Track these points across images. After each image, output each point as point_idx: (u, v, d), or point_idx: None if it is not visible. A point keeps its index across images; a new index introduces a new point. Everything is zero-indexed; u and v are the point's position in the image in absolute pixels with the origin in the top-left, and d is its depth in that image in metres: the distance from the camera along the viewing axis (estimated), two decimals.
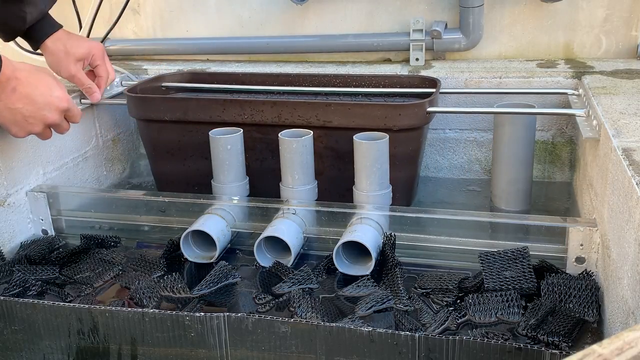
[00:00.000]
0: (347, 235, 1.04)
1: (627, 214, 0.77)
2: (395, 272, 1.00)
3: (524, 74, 1.36)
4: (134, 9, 1.68)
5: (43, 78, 1.04)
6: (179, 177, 1.34)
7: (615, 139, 0.89)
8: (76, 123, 1.14)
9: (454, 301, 0.96)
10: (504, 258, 0.97)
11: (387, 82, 1.36)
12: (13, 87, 1.00)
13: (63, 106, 1.07)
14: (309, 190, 1.17)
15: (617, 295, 0.82)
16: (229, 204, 1.17)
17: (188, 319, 0.85)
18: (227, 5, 1.62)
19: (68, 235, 1.23)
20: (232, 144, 1.17)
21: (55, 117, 1.07)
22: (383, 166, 1.11)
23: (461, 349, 0.78)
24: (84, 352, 0.91)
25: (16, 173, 1.20)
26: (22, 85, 1.01)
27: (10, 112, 1.02)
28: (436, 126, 1.44)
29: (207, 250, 1.12)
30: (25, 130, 1.06)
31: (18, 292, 1.02)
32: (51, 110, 1.06)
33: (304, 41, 1.58)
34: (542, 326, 0.86)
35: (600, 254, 0.96)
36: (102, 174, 1.47)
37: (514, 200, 1.27)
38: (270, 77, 1.43)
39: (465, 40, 1.46)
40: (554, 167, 1.41)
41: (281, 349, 0.84)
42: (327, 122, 1.20)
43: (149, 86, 1.41)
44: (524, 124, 1.21)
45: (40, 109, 1.04)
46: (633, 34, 1.42)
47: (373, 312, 0.93)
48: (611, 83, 1.21)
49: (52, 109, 1.06)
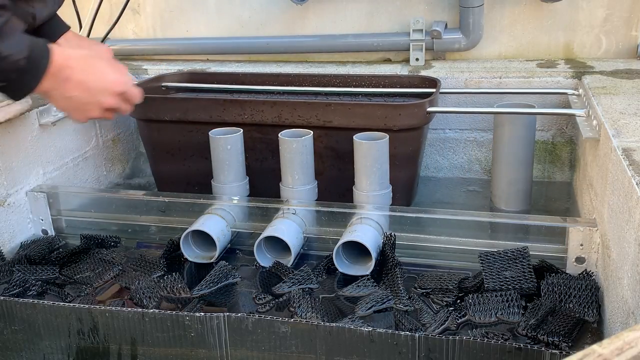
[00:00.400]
0: (347, 235, 1.04)
1: (627, 214, 0.77)
2: (395, 272, 1.00)
3: (524, 74, 1.36)
4: (134, 9, 1.68)
5: (96, 63, 1.02)
6: (179, 177, 1.34)
7: (615, 139, 0.89)
8: (138, 103, 1.11)
9: (454, 301, 0.96)
10: (504, 258, 0.97)
11: (387, 82, 1.36)
12: (66, 76, 0.97)
13: (118, 90, 1.05)
14: (309, 190, 1.16)
15: (617, 295, 0.82)
16: (229, 204, 1.17)
17: (188, 319, 0.85)
18: (227, 5, 1.62)
19: (68, 235, 1.23)
20: (232, 144, 1.17)
21: (112, 101, 1.04)
22: (383, 166, 1.11)
23: (461, 349, 0.78)
24: (84, 352, 0.91)
25: (16, 173, 1.19)
26: (75, 73, 0.98)
27: (66, 101, 1.00)
28: (436, 126, 1.44)
29: (207, 250, 1.12)
30: (85, 116, 1.03)
31: (18, 292, 1.02)
32: (107, 95, 1.03)
33: (304, 41, 1.58)
34: (542, 326, 0.86)
35: (600, 254, 0.96)
36: (102, 174, 1.47)
37: (514, 201, 1.27)
38: (270, 77, 1.43)
39: (465, 40, 1.46)
40: (554, 167, 1.41)
41: (281, 349, 0.84)
42: (327, 122, 1.20)
43: (149, 86, 1.41)
44: (524, 124, 1.21)
45: (95, 95, 1.02)
46: (633, 34, 1.42)
47: (373, 312, 0.93)
48: (611, 83, 1.21)
49: (108, 94, 1.03)
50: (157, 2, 1.66)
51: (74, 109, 1.02)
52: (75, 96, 0.99)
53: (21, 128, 1.20)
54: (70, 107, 1.02)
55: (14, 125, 1.18)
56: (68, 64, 0.98)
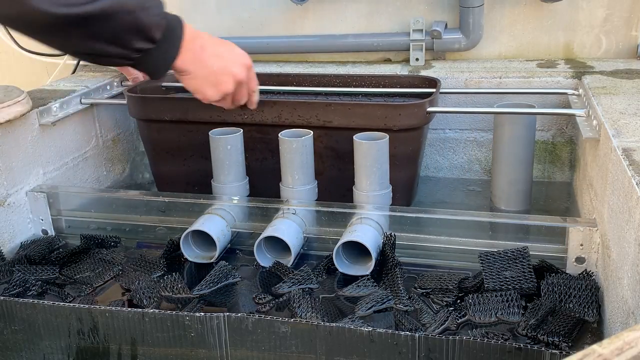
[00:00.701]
0: (347, 235, 1.04)
1: (627, 214, 0.77)
2: (395, 272, 1.00)
3: (524, 74, 1.36)
4: None
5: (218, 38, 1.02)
6: (179, 177, 1.34)
7: (615, 139, 0.89)
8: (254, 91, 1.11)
9: (454, 301, 0.96)
10: (504, 258, 0.97)
11: (387, 82, 1.36)
12: (201, 45, 0.96)
13: (247, 62, 1.04)
14: (309, 190, 1.16)
15: (617, 295, 0.82)
16: (229, 204, 1.17)
17: (188, 319, 0.85)
18: (227, 6, 1.62)
19: (68, 235, 1.23)
20: (232, 144, 1.17)
21: (243, 73, 1.03)
22: (383, 166, 1.11)
23: (461, 349, 0.78)
24: (84, 352, 0.91)
25: (16, 173, 1.19)
26: (207, 43, 0.97)
27: (204, 71, 0.98)
28: (436, 126, 1.44)
29: (207, 250, 1.12)
30: (219, 90, 1.01)
31: (18, 292, 1.02)
32: (239, 66, 1.02)
33: (304, 41, 1.58)
34: (542, 326, 0.86)
35: (600, 254, 0.96)
36: (102, 174, 1.47)
37: (514, 201, 1.27)
38: (270, 77, 1.43)
39: (465, 40, 1.46)
40: (554, 167, 1.41)
41: (281, 349, 0.84)
42: (327, 122, 1.20)
43: (149, 86, 1.41)
44: (524, 124, 1.21)
45: (229, 65, 1.00)
46: (633, 34, 1.42)
47: (373, 312, 0.93)
48: (611, 83, 1.21)
49: (240, 64, 1.02)
50: None
51: (210, 84, 1.00)
52: (211, 65, 0.98)
53: (21, 128, 1.20)
54: (206, 82, 0.99)
55: (14, 125, 1.18)
56: (198, 34, 0.96)
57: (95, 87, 1.43)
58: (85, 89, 1.40)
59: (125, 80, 1.52)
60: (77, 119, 1.37)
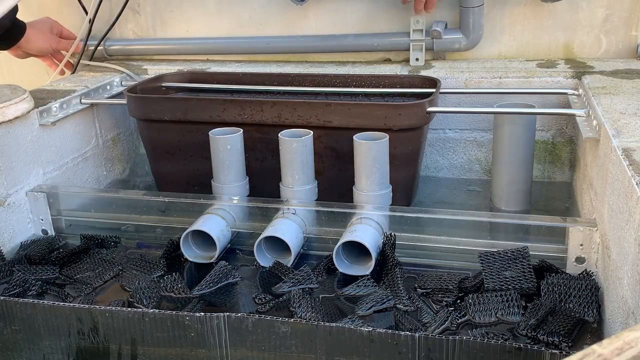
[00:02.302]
0: (347, 235, 1.04)
1: (627, 214, 0.77)
2: (395, 272, 1.00)
3: (524, 74, 1.36)
4: (134, 8, 1.68)
5: None
6: (179, 177, 1.34)
7: (615, 139, 0.89)
8: None
9: (454, 301, 0.96)
10: (504, 258, 0.97)
11: (387, 82, 1.36)
12: None
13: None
14: (309, 190, 1.16)
15: (617, 295, 0.82)
16: (229, 204, 1.17)
17: (188, 319, 0.85)
18: (227, 5, 1.62)
19: (68, 235, 1.23)
20: (232, 144, 1.17)
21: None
22: (383, 166, 1.11)
23: (461, 349, 0.78)
24: (84, 352, 0.91)
25: (16, 173, 1.19)
26: None
27: None
28: (436, 126, 1.44)
29: (207, 250, 1.12)
30: None
31: (18, 292, 1.02)
32: None
33: (304, 41, 1.58)
34: (542, 326, 0.86)
35: (600, 254, 0.96)
36: (102, 174, 1.47)
37: (514, 200, 1.27)
38: (270, 77, 1.43)
39: (465, 40, 1.46)
40: (554, 167, 1.41)
41: (281, 349, 0.84)
42: (327, 122, 1.20)
43: (149, 86, 1.41)
44: (524, 124, 1.21)
45: None
46: (633, 34, 1.42)
47: (373, 312, 0.93)
48: (611, 83, 1.21)
49: None
50: (157, 2, 1.66)
51: None
52: None
53: (21, 128, 1.20)
54: None
55: (14, 125, 1.18)
56: None
57: (95, 87, 1.43)
58: (85, 89, 1.40)
59: (126, 80, 1.52)
60: (77, 119, 1.37)
